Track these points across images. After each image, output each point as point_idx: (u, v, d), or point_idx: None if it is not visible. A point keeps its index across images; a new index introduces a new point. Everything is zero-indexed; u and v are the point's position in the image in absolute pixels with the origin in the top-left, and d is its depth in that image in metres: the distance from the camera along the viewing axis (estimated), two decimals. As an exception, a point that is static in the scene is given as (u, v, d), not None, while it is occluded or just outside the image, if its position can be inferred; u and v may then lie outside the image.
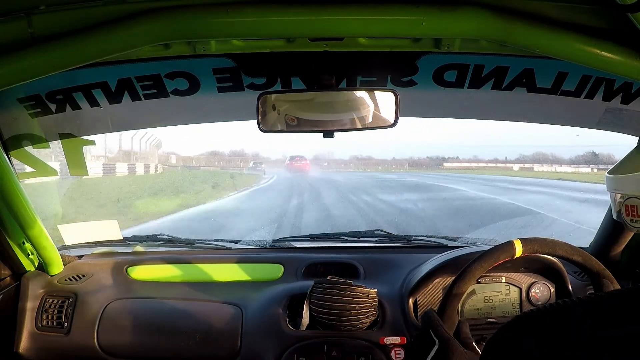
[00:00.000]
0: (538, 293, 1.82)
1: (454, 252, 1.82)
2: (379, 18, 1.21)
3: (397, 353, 1.65)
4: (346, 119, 1.52)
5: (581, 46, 1.22)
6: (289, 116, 1.50)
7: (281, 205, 12.65)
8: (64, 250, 2.09)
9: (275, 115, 1.51)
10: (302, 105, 1.53)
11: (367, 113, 1.51)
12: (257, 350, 1.72)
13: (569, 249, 1.47)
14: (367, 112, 1.51)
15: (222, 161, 39.59)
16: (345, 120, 1.52)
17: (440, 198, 14.44)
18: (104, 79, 1.63)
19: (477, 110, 1.99)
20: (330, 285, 1.70)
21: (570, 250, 1.47)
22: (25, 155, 1.83)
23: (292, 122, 1.50)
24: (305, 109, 1.53)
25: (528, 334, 0.57)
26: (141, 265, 2.05)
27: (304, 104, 1.53)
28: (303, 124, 1.52)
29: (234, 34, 1.25)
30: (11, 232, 1.76)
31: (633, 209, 1.19)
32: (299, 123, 1.52)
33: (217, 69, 1.62)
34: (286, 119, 1.51)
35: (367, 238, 2.27)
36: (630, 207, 1.18)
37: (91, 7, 1.19)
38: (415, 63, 1.61)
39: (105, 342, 1.78)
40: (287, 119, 1.50)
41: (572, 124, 1.99)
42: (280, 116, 1.51)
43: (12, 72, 1.20)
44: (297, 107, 1.52)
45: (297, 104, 1.53)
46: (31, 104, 1.68)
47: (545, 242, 1.46)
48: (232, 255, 2.11)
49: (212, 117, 2.03)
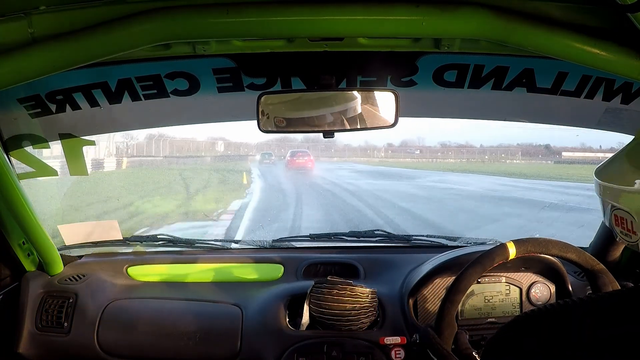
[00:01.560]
0: (538, 293, 1.82)
1: (454, 252, 1.82)
2: (379, 18, 1.21)
3: (397, 353, 1.65)
4: (346, 119, 1.52)
5: (581, 46, 1.23)
6: (278, 118, 1.51)
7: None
8: (64, 250, 2.09)
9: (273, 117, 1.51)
10: (302, 106, 1.53)
11: (367, 113, 1.51)
12: (257, 350, 1.72)
13: (563, 246, 1.47)
14: (367, 112, 1.51)
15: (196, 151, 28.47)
16: (345, 120, 1.52)
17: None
18: (104, 79, 1.63)
19: (477, 110, 1.99)
20: (330, 285, 1.70)
21: (563, 248, 1.47)
22: (25, 155, 1.83)
23: (280, 123, 1.51)
24: (305, 109, 1.53)
25: (529, 334, 0.57)
26: (141, 265, 2.05)
27: (304, 104, 1.53)
28: (302, 124, 1.52)
29: (234, 34, 1.25)
30: (11, 232, 1.76)
31: (623, 221, 1.11)
32: (297, 123, 1.52)
33: (217, 69, 1.62)
34: (275, 121, 1.51)
35: (367, 238, 2.26)
36: (620, 218, 1.12)
37: (91, 7, 1.19)
38: (415, 63, 1.61)
39: (105, 342, 1.78)
40: (276, 120, 1.51)
41: (572, 124, 2.00)
42: (276, 118, 1.51)
43: (12, 72, 1.20)
44: (295, 108, 1.52)
45: (297, 104, 1.53)
46: (31, 104, 1.68)
47: (538, 241, 1.47)
48: (232, 255, 2.11)
49: (212, 117, 2.03)
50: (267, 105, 1.50)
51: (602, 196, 1.17)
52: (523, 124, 1.60)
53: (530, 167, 25.59)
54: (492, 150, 32.19)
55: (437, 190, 14.87)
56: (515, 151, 31.39)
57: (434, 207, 11.59)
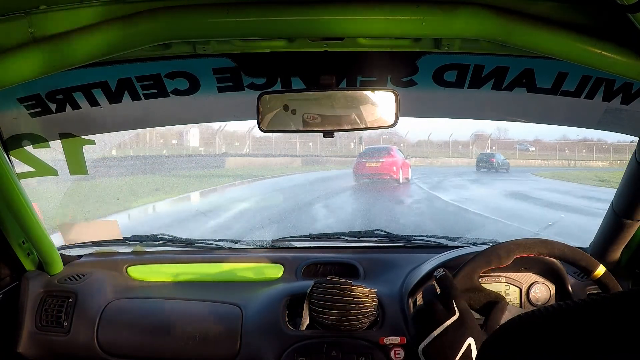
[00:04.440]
0: (538, 293, 1.82)
1: (454, 252, 1.82)
2: (379, 18, 1.21)
3: (397, 353, 1.65)
4: (346, 118, 1.52)
5: (581, 46, 1.23)
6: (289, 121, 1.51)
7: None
8: (64, 250, 2.09)
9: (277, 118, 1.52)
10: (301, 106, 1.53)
11: (367, 113, 1.51)
12: (257, 350, 1.72)
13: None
14: (367, 112, 1.51)
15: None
16: (345, 120, 1.52)
17: None
18: (104, 79, 1.63)
19: (477, 110, 1.99)
20: (330, 285, 1.70)
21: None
22: (25, 155, 1.83)
23: (294, 127, 1.51)
24: (304, 109, 1.53)
25: (527, 335, 0.57)
26: (141, 265, 2.05)
27: (303, 105, 1.53)
28: (302, 125, 1.52)
29: (234, 34, 1.25)
30: (11, 232, 1.76)
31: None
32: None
33: (217, 68, 1.62)
34: (286, 125, 1.51)
35: (367, 238, 2.26)
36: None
37: (91, 7, 1.19)
38: (416, 63, 1.61)
39: (105, 341, 1.78)
40: (287, 124, 1.51)
41: (572, 124, 2.00)
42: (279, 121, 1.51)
43: (12, 72, 1.20)
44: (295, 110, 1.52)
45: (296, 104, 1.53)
46: (31, 104, 1.68)
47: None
48: (232, 255, 2.11)
49: (212, 117, 2.03)
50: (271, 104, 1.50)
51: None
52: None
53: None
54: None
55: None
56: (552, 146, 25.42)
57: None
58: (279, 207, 10.88)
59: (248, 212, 10.40)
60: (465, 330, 1.17)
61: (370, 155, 14.23)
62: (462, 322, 1.18)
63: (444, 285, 1.24)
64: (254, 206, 11.28)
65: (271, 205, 11.12)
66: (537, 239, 1.48)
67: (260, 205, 11.33)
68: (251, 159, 22.94)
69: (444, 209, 10.83)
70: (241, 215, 9.94)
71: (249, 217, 9.75)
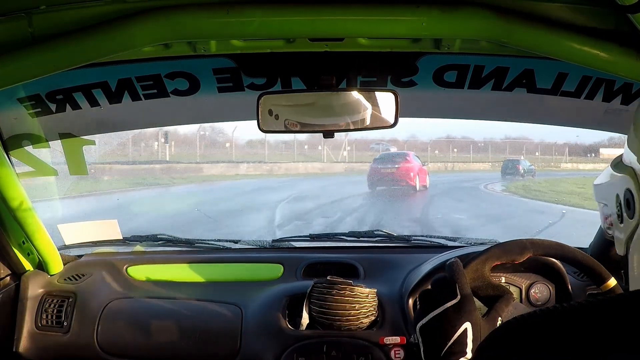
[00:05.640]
0: (538, 293, 1.82)
1: (454, 252, 1.82)
2: (379, 18, 1.21)
3: (397, 353, 1.65)
4: (346, 119, 1.52)
5: (581, 47, 1.23)
6: (290, 121, 1.51)
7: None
8: (64, 250, 2.09)
9: (274, 119, 1.52)
10: (301, 106, 1.53)
11: (367, 113, 1.51)
12: (257, 350, 1.72)
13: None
14: (367, 113, 1.51)
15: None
16: (345, 120, 1.52)
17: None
18: (104, 79, 1.63)
19: (477, 110, 1.99)
20: (329, 285, 1.70)
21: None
22: (25, 155, 1.83)
23: (294, 127, 1.51)
24: (304, 109, 1.53)
25: (526, 336, 0.57)
26: (141, 265, 2.05)
27: (303, 105, 1.53)
28: (302, 125, 1.52)
29: (234, 34, 1.25)
30: (11, 232, 1.76)
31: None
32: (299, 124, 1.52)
33: (217, 69, 1.62)
34: (286, 124, 1.51)
35: (366, 238, 2.26)
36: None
37: (91, 7, 1.19)
38: (416, 63, 1.61)
39: (105, 341, 1.78)
40: (287, 124, 1.51)
41: (572, 124, 2.00)
42: (279, 121, 1.51)
43: (12, 72, 1.20)
44: (296, 109, 1.52)
45: (296, 105, 1.53)
46: (31, 104, 1.68)
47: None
48: (231, 255, 2.11)
49: (212, 117, 2.03)
50: (275, 106, 1.50)
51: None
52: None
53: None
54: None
55: None
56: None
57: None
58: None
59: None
60: (464, 314, 1.18)
61: (385, 161, 13.61)
62: (462, 306, 1.19)
63: (450, 270, 1.25)
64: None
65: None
66: (555, 242, 1.45)
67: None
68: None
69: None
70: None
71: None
